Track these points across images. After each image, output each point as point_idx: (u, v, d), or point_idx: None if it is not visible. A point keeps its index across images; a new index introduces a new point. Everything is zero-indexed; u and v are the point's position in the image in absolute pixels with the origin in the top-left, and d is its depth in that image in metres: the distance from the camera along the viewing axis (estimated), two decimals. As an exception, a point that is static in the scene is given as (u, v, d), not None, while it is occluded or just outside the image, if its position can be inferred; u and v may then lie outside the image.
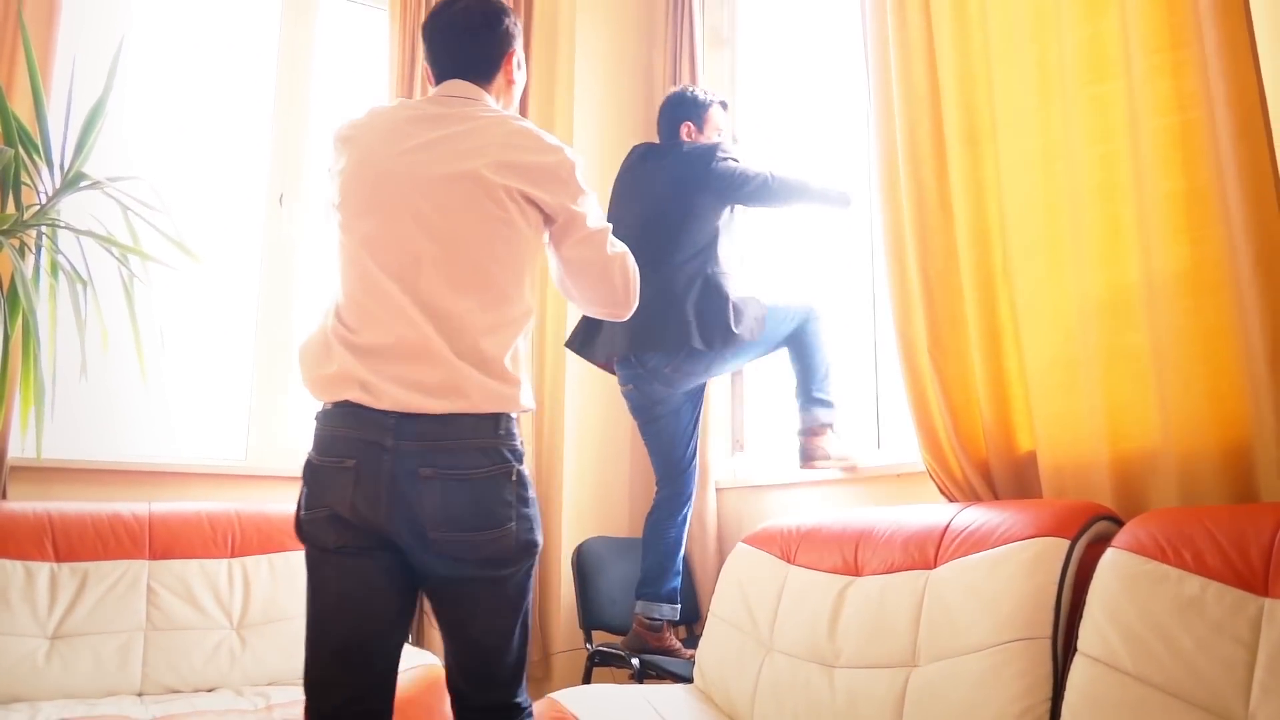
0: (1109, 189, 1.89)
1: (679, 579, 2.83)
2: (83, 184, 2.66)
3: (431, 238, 1.65)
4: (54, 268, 2.66)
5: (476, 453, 1.60)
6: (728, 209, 2.77)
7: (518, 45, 1.88)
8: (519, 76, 1.89)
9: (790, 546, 2.32)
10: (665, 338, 2.64)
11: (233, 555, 2.80)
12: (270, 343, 3.35)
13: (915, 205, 2.30)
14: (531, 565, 1.67)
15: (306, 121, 3.53)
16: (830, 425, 2.73)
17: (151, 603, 2.62)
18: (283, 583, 2.81)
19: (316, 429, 1.67)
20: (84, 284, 2.63)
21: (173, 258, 2.82)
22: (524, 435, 3.37)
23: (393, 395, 1.59)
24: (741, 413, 3.44)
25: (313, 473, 1.64)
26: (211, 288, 3.34)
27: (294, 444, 3.36)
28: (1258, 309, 1.62)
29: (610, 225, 1.83)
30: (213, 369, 3.32)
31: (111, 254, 2.70)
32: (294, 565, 2.84)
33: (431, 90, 1.83)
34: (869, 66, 2.47)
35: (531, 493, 1.67)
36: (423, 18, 3.49)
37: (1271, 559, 1.39)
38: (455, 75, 1.81)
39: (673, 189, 2.75)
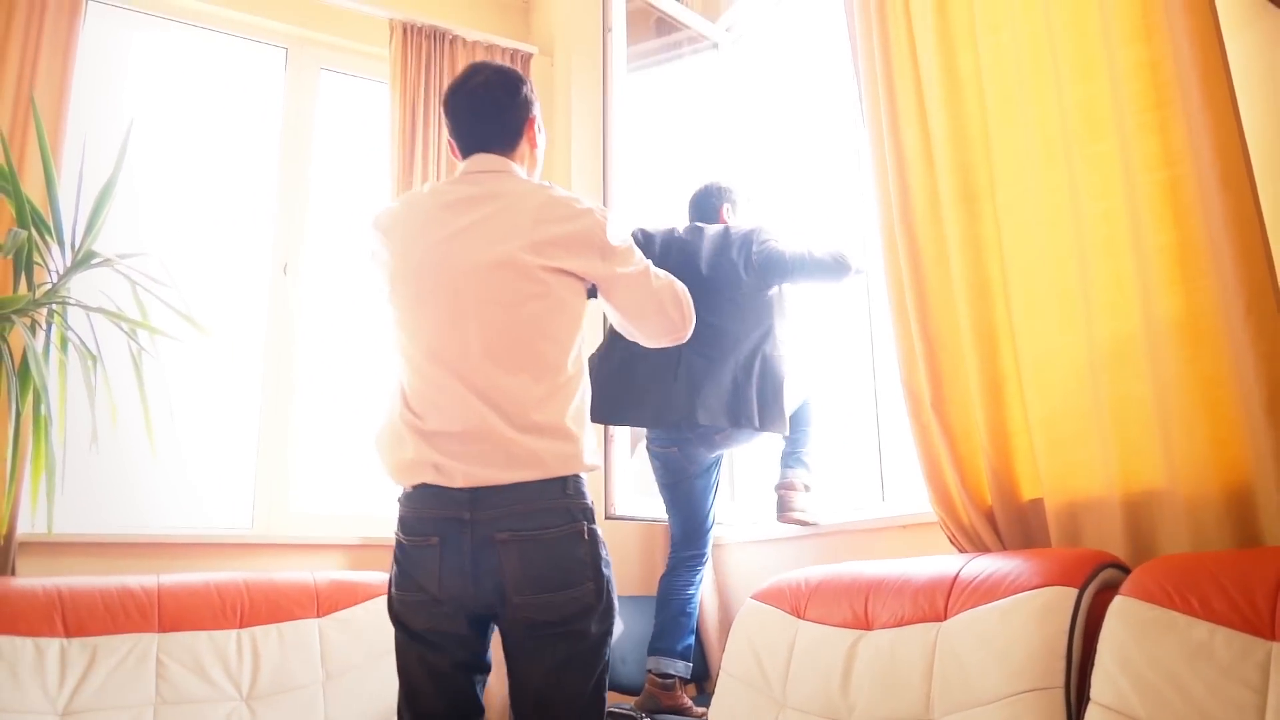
0: (1112, 244, 1.94)
1: (692, 637, 2.85)
2: (93, 262, 2.71)
3: (479, 324, 1.73)
4: (64, 343, 2.69)
5: (546, 513, 1.69)
6: (775, 288, 2.82)
7: (536, 110, 1.94)
8: (541, 140, 1.96)
9: (800, 601, 2.33)
10: (732, 409, 2.68)
11: (241, 625, 2.79)
12: (275, 410, 3.38)
13: (911, 263, 2.35)
14: (609, 630, 1.75)
15: (309, 191, 3.60)
16: (807, 485, 2.82)
17: (161, 676, 2.61)
18: (292, 652, 2.80)
19: (401, 511, 1.78)
20: (94, 359, 2.67)
21: (180, 331, 2.86)
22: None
23: (465, 473, 1.69)
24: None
25: (402, 552, 1.76)
26: (217, 357, 3.37)
27: (300, 511, 3.37)
28: (1251, 355, 1.65)
29: (649, 262, 1.90)
30: (218, 438, 3.35)
31: (121, 329, 2.74)
32: (303, 634, 2.83)
33: (460, 166, 1.88)
34: (863, 130, 2.54)
35: (606, 553, 1.76)
36: (422, 90, 3.59)
37: (1277, 603, 1.41)
38: (480, 148, 1.87)
39: (720, 266, 2.79)
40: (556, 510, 1.70)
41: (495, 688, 2.42)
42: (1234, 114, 1.71)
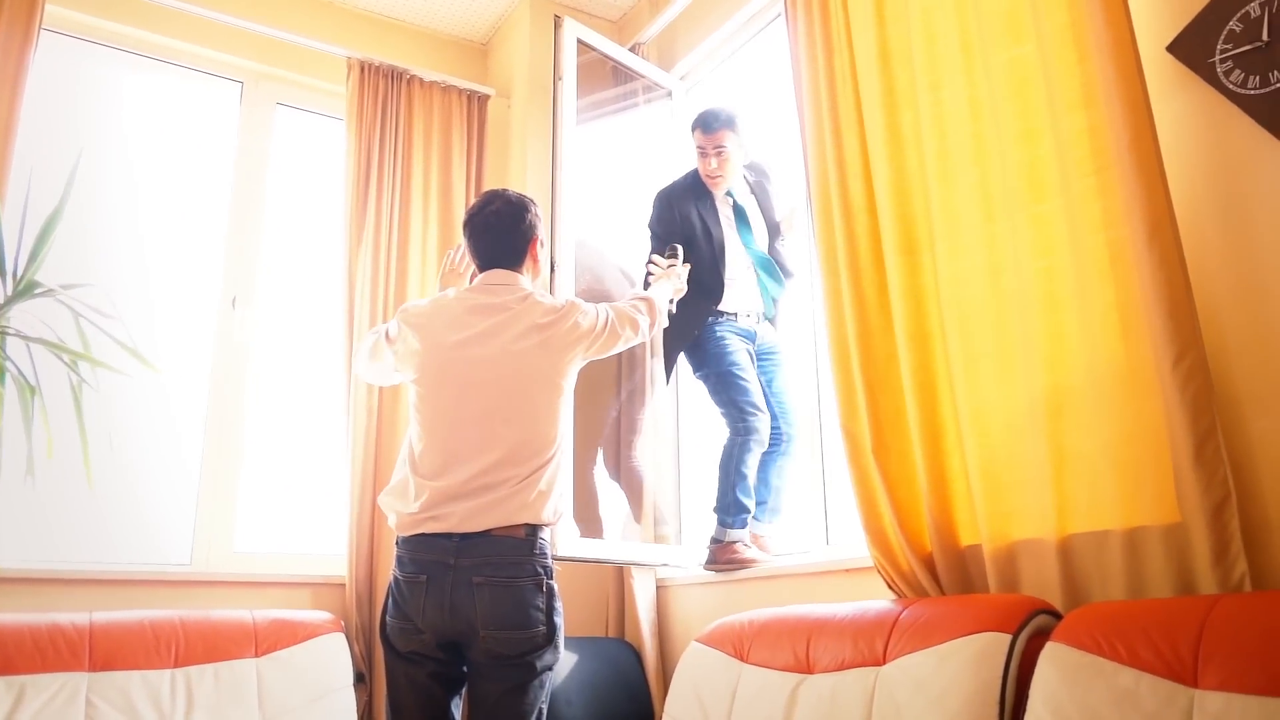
0: (1053, 299, 2.01)
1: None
2: (35, 292, 2.67)
3: (494, 404, 2.18)
4: (1, 374, 2.64)
5: (516, 566, 2.10)
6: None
7: (540, 231, 2.39)
8: (543, 254, 2.45)
9: (743, 644, 2.34)
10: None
11: (176, 665, 2.73)
12: (220, 446, 3.33)
13: (856, 310, 2.40)
14: (552, 668, 2.15)
15: (261, 226, 3.58)
16: (736, 542, 2.93)
17: (90, 717, 2.54)
18: (228, 694, 2.73)
19: (399, 553, 2.17)
20: (32, 390, 2.61)
21: (123, 363, 2.82)
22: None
23: (457, 519, 2.10)
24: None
25: (397, 587, 2.16)
26: (161, 391, 3.32)
27: (242, 548, 3.32)
28: (1180, 407, 1.72)
29: (605, 316, 2.38)
30: (160, 473, 3.29)
31: (62, 360, 2.69)
32: (240, 675, 2.77)
33: (479, 277, 2.35)
34: (809, 181, 2.60)
35: (559, 604, 2.15)
36: (378, 128, 3.62)
37: (1200, 651, 1.45)
38: (494, 265, 2.34)
39: None
40: (524, 565, 2.11)
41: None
42: (1161, 179, 1.79)
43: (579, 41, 3.42)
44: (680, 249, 2.97)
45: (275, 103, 3.74)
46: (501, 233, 2.33)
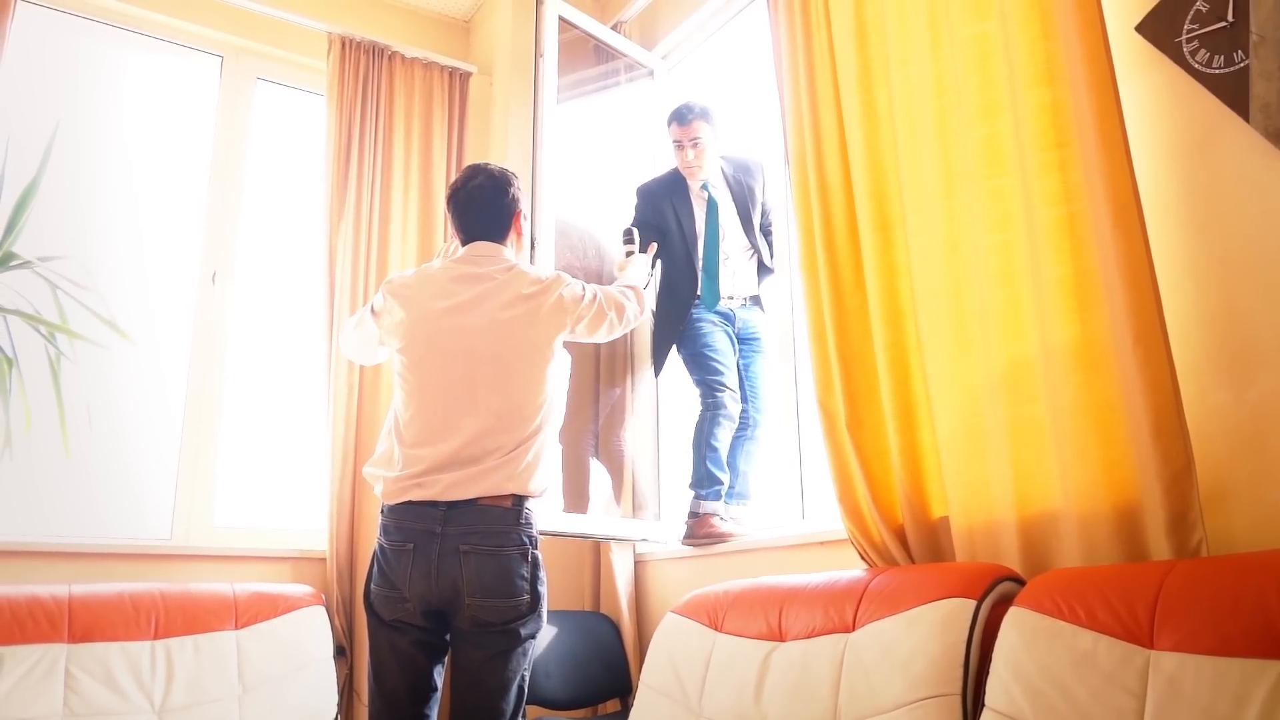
0: (1008, 273, 2.04)
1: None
2: (12, 263, 2.67)
3: (480, 372, 2.20)
4: (-21, 346, 2.64)
5: (502, 535, 2.13)
6: None
7: (522, 204, 2.43)
8: (525, 227, 2.50)
9: (718, 614, 2.38)
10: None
11: (156, 637, 2.74)
12: (199, 420, 3.34)
13: (832, 288, 2.43)
14: (535, 636, 2.18)
15: (241, 201, 3.58)
16: (712, 514, 2.99)
17: (70, 688, 2.56)
18: (208, 665, 2.75)
19: (384, 521, 2.20)
20: (9, 363, 2.62)
21: (101, 336, 2.82)
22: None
23: (442, 487, 2.12)
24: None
25: (383, 555, 2.18)
26: (140, 365, 3.32)
27: (222, 522, 3.33)
28: (1139, 382, 1.76)
29: (593, 293, 2.39)
30: (139, 447, 3.29)
31: (39, 332, 2.70)
32: (219, 646, 2.79)
33: (462, 250, 2.37)
34: (788, 159, 2.62)
35: (543, 574, 2.19)
36: (359, 104, 3.61)
37: (1156, 614, 1.50)
38: (479, 238, 2.36)
39: None
40: (510, 534, 2.13)
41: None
42: (1126, 156, 1.82)
43: (561, 19, 3.42)
44: (635, 233, 3.04)
45: (255, 77, 3.72)
46: (485, 206, 2.36)
